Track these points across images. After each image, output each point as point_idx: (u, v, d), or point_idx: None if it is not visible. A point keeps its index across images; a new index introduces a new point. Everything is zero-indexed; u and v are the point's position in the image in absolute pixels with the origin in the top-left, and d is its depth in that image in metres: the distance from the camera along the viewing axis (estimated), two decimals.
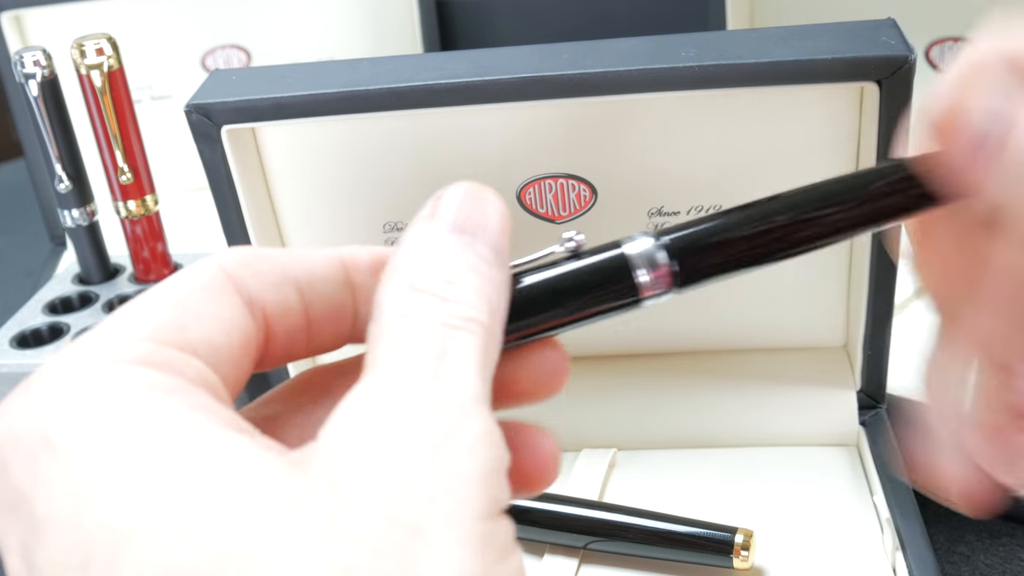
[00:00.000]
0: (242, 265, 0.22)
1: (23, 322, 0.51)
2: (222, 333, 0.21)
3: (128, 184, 0.53)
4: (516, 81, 0.40)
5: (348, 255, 0.24)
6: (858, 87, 0.41)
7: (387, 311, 0.21)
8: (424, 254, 0.23)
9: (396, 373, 0.20)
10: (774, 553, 0.41)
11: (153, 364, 0.20)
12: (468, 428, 0.19)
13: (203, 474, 0.18)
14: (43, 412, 0.19)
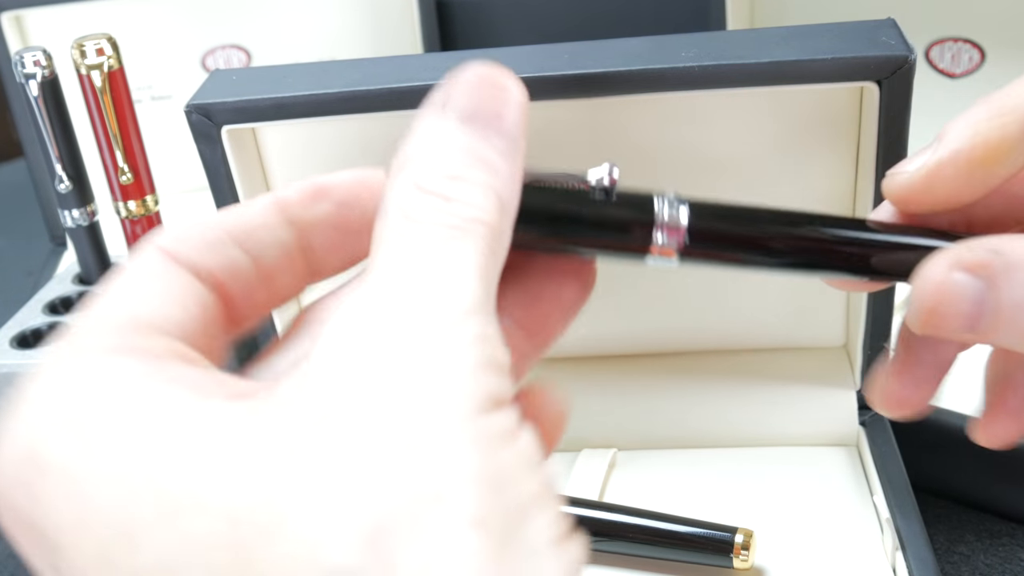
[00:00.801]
0: (177, 240, 0.22)
1: (23, 322, 0.51)
2: (179, 307, 0.21)
3: (128, 184, 0.53)
4: None
5: (279, 196, 0.24)
6: (858, 87, 0.41)
7: (391, 212, 0.21)
8: (431, 149, 0.22)
9: (391, 279, 0.20)
10: (774, 553, 0.41)
11: (122, 351, 0.20)
12: (462, 333, 0.19)
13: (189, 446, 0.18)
14: (26, 435, 0.19)
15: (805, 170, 0.44)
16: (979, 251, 0.26)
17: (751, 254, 0.27)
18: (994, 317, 0.25)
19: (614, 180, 0.26)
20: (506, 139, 0.23)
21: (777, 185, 0.44)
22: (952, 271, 0.25)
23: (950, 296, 0.25)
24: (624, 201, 0.26)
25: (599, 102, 0.41)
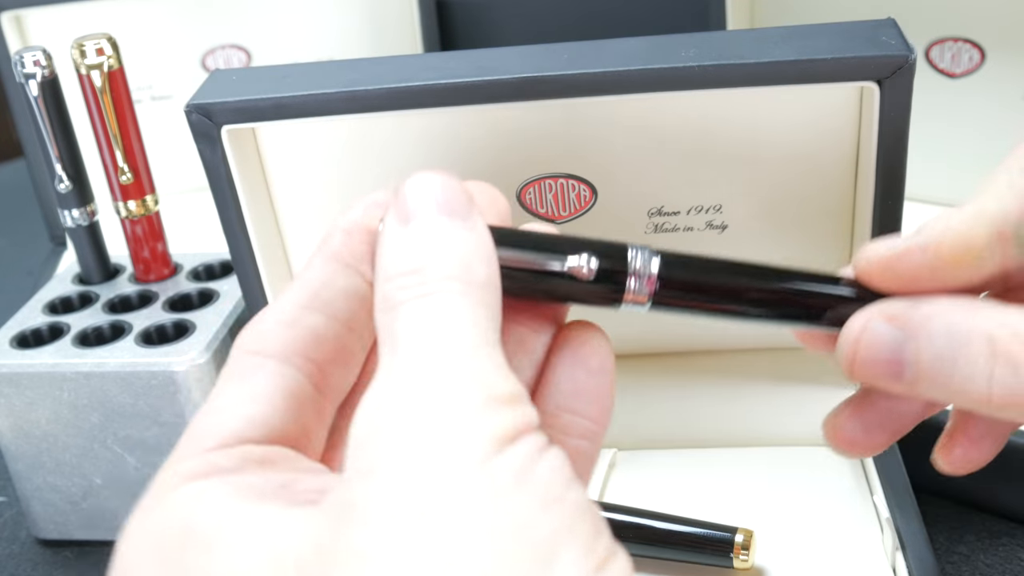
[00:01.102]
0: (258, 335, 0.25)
1: (23, 322, 0.51)
2: (264, 405, 0.24)
3: (128, 184, 0.53)
4: (516, 81, 0.40)
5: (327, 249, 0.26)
6: (858, 87, 0.41)
7: (376, 312, 0.23)
8: (387, 250, 0.24)
9: (388, 374, 0.21)
10: (774, 553, 0.41)
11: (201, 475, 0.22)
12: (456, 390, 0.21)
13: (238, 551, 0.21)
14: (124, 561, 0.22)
15: (805, 170, 0.44)
16: (899, 304, 0.27)
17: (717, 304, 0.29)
18: (916, 368, 0.26)
19: (592, 271, 0.27)
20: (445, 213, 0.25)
21: (777, 185, 0.44)
22: (871, 321, 0.27)
23: (868, 345, 0.27)
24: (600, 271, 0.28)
25: (599, 102, 0.41)
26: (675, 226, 0.46)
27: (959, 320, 0.26)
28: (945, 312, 0.26)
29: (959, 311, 0.26)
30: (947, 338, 0.26)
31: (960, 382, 0.26)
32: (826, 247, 0.46)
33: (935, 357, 0.26)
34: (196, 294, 0.53)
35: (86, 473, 0.49)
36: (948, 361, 0.26)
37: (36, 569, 0.51)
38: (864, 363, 0.27)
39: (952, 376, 0.26)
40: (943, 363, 0.26)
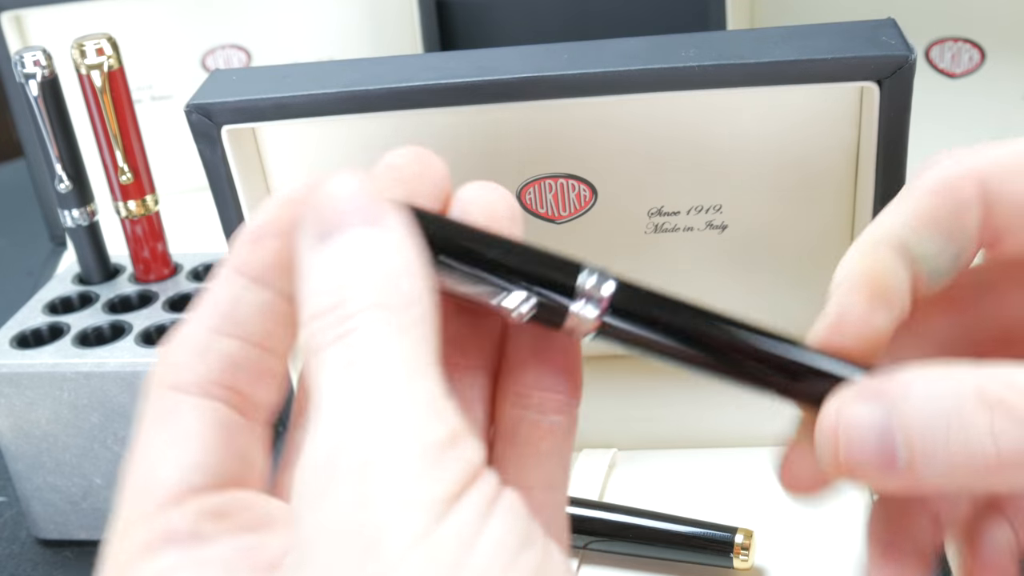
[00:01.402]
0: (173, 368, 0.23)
1: (23, 322, 0.51)
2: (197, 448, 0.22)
3: (128, 184, 0.53)
4: (516, 81, 0.40)
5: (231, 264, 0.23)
6: (858, 87, 0.41)
7: (304, 356, 0.21)
8: (306, 280, 0.22)
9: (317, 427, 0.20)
10: (774, 553, 0.41)
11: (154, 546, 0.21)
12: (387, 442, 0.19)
13: None
14: None
15: (805, 170, 0.44)
16: (871, 380, 0.25)
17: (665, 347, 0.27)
18: (908, 446, 0.23)
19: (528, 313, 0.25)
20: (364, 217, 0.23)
21: (777, 185, 0.44)
22: (845, 404, 0.24)
23: (849, 430, 0.24)
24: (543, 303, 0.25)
25: (599, 102, 0.41)
26: (675, 226, 0.46)
27: (941, 379, 0.23)
28: (924, 375, 0.24)
29: (938, 371, 0.24)
30: (934, 401, 0.23)
31: (959, 448, 0.23)
32: (826, 247, 0.46)
33: (925, 426, 0.23)
34: (196, 294, 0.53)
35: (86, 473, 0.49)
36: (941, 428, 0.23)
37: (36, 569, 0.51)
38: (851, 452, 0.24)
39: (948, 443, 0.23)
40: (936, 431, 0.23)
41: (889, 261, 0.27)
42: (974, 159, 0.27)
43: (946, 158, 0.27)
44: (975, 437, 0.22)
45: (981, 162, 0.26)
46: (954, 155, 0.27)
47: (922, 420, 0.23)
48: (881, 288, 0.26)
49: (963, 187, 0.26)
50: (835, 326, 0.27)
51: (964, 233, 0.27)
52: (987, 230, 0.27)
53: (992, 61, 0.57)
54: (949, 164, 0.27)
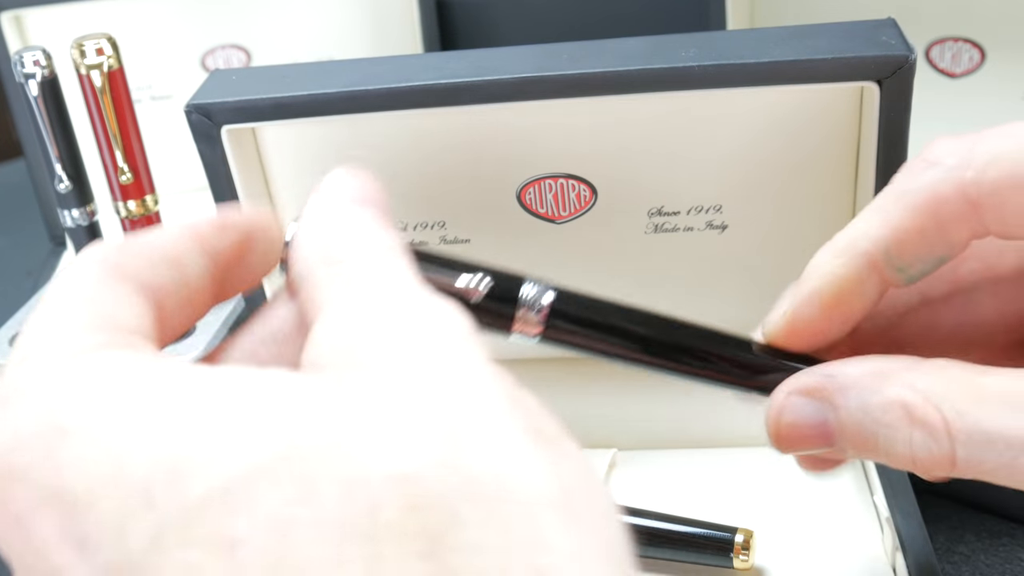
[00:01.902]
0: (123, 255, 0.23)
1: (23, 322, 0.51)
2: (134, 315, 0.22)
3: (128, 184, 0.53)
4: (516, 81, 0.40)
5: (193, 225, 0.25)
6: (858, 87, 0.41)
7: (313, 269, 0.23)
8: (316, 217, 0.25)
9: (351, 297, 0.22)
10: (774, 553, 0.41)
11: (112, 346, 0.21)
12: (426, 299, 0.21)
13: (232, 391, 0.19)
14: (36, 410, 0.19)
15: (805, 170, 0.44)
16: (814, 375, 0.28)
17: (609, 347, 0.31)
18: (842, 435, 0.28)
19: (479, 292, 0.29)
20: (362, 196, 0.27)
21: (777, 185, 0.44)
22: (790, 396, 0.29)
23: (791, 419, 0.29)
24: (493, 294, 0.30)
25: (599, 102, 0.41)
26: (675, 226, 0.46)
27: (874, 390, 0.27)
28: (859, 382, 0.27)
29: (873, 380, 0.27)
30: (865, 411, 0.27)
31: (885, 448, 0.27)
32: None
33: (857, 430, 0.27)
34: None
35: None
36: (870, 433, 0.27)
37: None
38: (794, 438, 0.29)
39: (877, 444, 0.27)
40: (866, 434, 0.27)
41: (856, 272, 0.29)
42: (964, 171, 0.27)
43: (936, 163, 0.28)
44: (897, 444, 0.26)
45: (970, 176, 0.27)
46: (943, 162, 0.28)
47: (854, 425, 0.27)
48: (840, 298, 0.29)
49: (951, 205, 0.27)
50: (788, 328, 0.30)
51: (950, 244, 0.28)
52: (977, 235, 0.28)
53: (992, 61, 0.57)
54: (937, 177, 0.27)
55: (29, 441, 0.19)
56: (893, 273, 0.29)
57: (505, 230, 0.46)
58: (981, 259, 0.31)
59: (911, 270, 0.29)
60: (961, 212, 0.27)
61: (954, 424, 0.25)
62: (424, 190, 0.46)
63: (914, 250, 0.28)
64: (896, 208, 0.28)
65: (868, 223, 0.29)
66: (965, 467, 0.26)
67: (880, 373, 0.27)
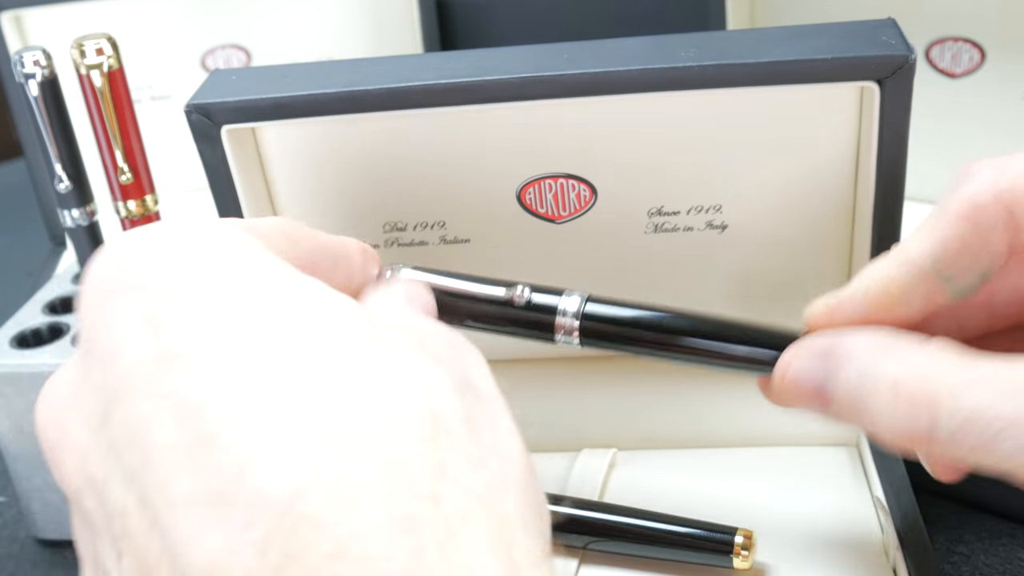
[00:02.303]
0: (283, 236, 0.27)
1: (23, 322, 0.51)
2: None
3: (128, 184, 0.53)
4: (516, 81, 0.40)
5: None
6: (858, 87, 0.41)
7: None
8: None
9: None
10: (774, 553, 0.41)
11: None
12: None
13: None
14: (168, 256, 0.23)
15: (805, 170, 0.44)
16: (825, 338, 0.31)
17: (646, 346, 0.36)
18: (836, 396, 0.30)
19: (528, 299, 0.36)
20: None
21: (777, 185, 0.44)
22: (799, 353, 0.32)
23: (795, 374, 0.32)
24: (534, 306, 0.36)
25: (599, 102, 0.41)
26: (675, 226, 0.46)
27: (872, 360, 0.29)
28: (861, 351, 0.30)
29: (874, 351, 0.30)
30: (860, 379, 0.29)
31: (871, 416, 0.29)
32: (826, 247, 0.46)
33: (851, 395, 0.30)
34: None
35: None
36: (861, 398, 0.29)
37: (36, 569, 0.51)
38: (793, 392, 0.32)
39: (865, 410, 0.29)
40: (858, 400, 0.29)
41: (905, 276, 0.31)
42: (999, 180, 0.29)
43: (975, 176, 0.30)
44: (882, 413, 0.29)
45: (1005, 184, 0.29)
46: (981, 173, 0.30)
47: (849, 389, 0.30)
48: (885, 299, 0.31)
49: (989, 212, 0.30)
50: (827, 318, 0.32)
51: (992, 254, 0.30)
52: (1016, 246, 0.30)
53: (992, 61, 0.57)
54: (976, 187, 0.30)
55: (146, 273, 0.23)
56: (940, 284, 0.31)
57: (505, 230, 0.46)
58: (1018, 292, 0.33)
59: (957, 282, 0.31)
60: (999, 218, 0.29)
61: (941, 400, 0.27)
62: (424, 190, 0.46)
63: (958, 258, 0.30)
64: (940, 220, 0.30)
65: (917, 236, 0.31)
66: (942, 443, 0.27)
67: (883, 346, 0.29)
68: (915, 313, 0.31)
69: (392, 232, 0.47)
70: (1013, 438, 0.26)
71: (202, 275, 0.22)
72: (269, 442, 0.19)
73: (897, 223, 0.42)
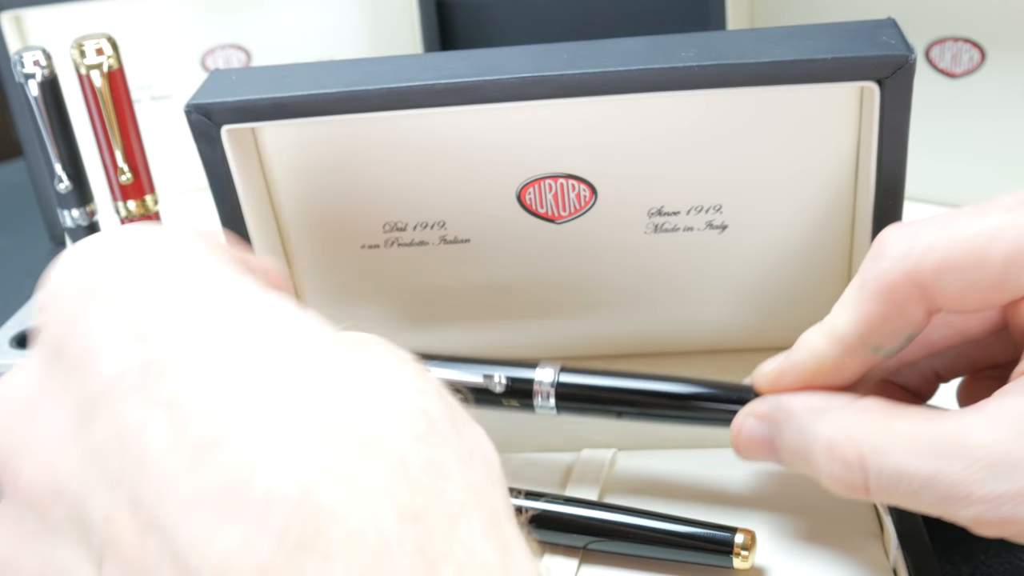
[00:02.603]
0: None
1: (23, 322, 0.51)
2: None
3: (128, 184, 0.53)
4: (516, 81, 0.40)
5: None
6: (858, 87, 0.41)
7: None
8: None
9: None
10: (774, 553, 0.41)
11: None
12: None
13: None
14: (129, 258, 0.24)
15: (805, 170, 0.44)
16: (767, 403, 0.36)
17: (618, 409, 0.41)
18: (784, 453, 0.35)
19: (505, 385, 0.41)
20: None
21: (777, 185, 0.44)
22: (748, 416, 0.37)
23: (746, 435, 0.37)
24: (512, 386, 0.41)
25: (599, 102, 0.41)
26: (675, 226, 0.46)
27: (807, 425, 0.34)
28: (798, 415, 0.34)
29: (809, 415, 0.34)
30: (801, 439, 0.34)
31: (815, 472, 0.34)
32: (826, 247, 0.46)
33: (794, 452, 0.35)
34: None
35: None
36: (803, 456, 0.34)
37: None
38: (748, 449, 0.37)
39: (809, 467, 0.34)
40: (801, 457, 0.34)
41: (835, 355, 0.34)
42: (907, 260, 0.32)
43: (886, 252, 0.33)
44: (821, 471, 0.33)
45: (912, 264, 0.32)
46: (891, 251, 0.33)
47: (792, 448, 0.35)
48: (820, 376, 0.35)
49: (902, 291, 0.32)
50: (774, 380, 0.36)
51: (912, 323, 0.33)
52: (932, 311, 0.33)
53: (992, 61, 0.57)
54: (887, 267, 0.33)
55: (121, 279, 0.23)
56: (869, 352, 0.34)
57: (505, 230, 0.46)
58: (950, 326, 0.37)
59: (885, 348, 0.34)
60: (913, 295, 0.32)
61: (868, 460, 0.32)
62: (424, 190, 0.46)
63: (882, 332, 0.33)
64: (860, 298, 0.33)
65: (843, 310, 0.34)
66: (877, 495, 0.32)
67: (817, 409, 0.34)
68: (851, 378, 0.35)
69: (392, 232, 0.47)
70: (931, 494, 0.30)
71: (178, 283, 0.23)
72: (276, 440, 0.20)
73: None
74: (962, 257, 0.31)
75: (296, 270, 0.49)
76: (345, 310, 0.50)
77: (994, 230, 0.31)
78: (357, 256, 0.48)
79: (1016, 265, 0.31)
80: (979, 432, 0.30)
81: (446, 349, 0.50)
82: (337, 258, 0.48)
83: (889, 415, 0.32)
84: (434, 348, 0.50)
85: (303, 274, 0.49)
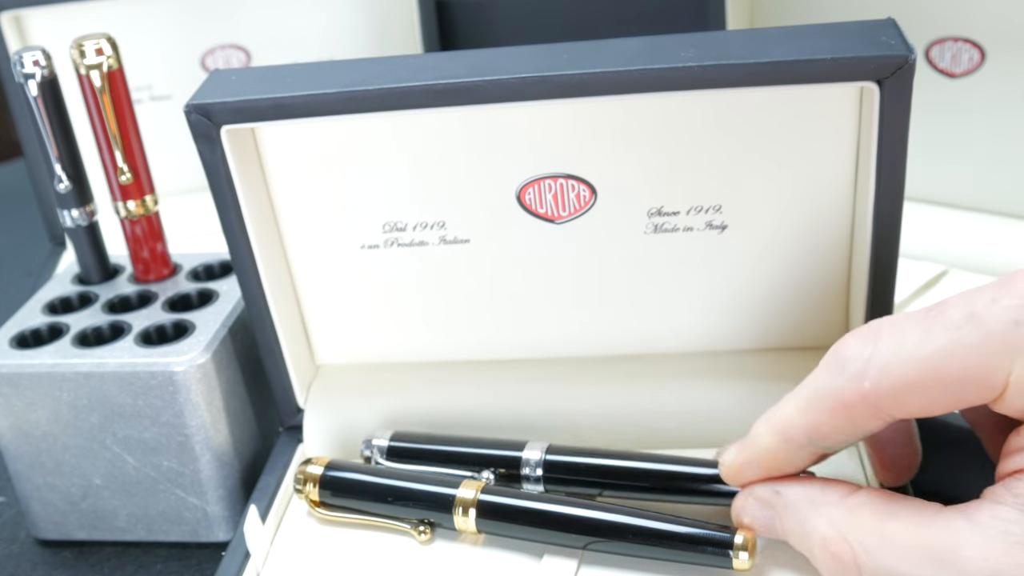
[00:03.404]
0: None
1: (23, 322, 0.51)
2: None
3: (128, 184, 0.53)
4: (516, 81, 0.40)
5: None
6: (858, 87, 0.41)
7: None
8: None
9: None
10: (774, 553, 0.41)
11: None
12: None
13: None
14: None
15: (805, 170, 0.44)
16: (768, 490, 0.38)
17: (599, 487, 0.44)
18: (782, 535, 0.38)
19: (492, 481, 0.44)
20: None
21: (777, 185, 0.44)
22: (748, 499, 0.38)
23: (749, 516, 0.38)
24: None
25: (599, 102, 0.41)
26: (675, 226, 0.46)
27: (804, 517, 0.36)
28: (796, 504, 0.37)
29: (806, 506, 0.36)
30: (799, 528, 0.36)
31: (812, 559, 0.36)
32: (826, 247, 0.46)
33: (793, 537, 0.37)
34: (196, 294, 0.53)
35: (86, 473, 0.49)
36: (801, 543, 0.36)
37: (36, 569, 0.51)
38: (750, 527, 0.39)
39: (807, 553, 0.36)
40: (799, 543, 0.37)
41: (785, 451, 0.37)
42: (863, 382, 0.33)
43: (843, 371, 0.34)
44: (816, 559, 0.36)
45: (868, 386, 0.33)
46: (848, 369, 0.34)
47: (791, 533, 0.37)
48: (773, 467, 0.38)
49: (858, 411, 0.34)
50: (734, 478, 0.39)
51: (864, 431, 0.35)
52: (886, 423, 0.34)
53: (992, 61, 0.57)
54: (843, 385, 0.34)
55: None
56: (818, 450, 0.36)
57: (505, 230, 0.46)
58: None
59: (834, 448, 0.36)
60: (867, 412, 0.34)
61: (860, 559, 0.34)
62: (424, 190, 0.46)
63: (832, 438, 0.35)
64: (814, 406, 0.35)
65: (796, 412, 0.36)
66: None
67: (812, 501, 0.36)
68: (804, 464, 0.37)
69: (392, 232, 0.47)
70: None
71: None
72: None
73: (897, 223, 0.42)
74: (916, 379, 0.32)
75: (296, 270, 0.49)
76: (345, 310, 0.50)
77: (946, 351, 0.32)
78: (357, 256, 0.48)
79: (973, 380, 0.32)
80: (970, 545, 0.32)
81: (446, 349, 0.50)
82: (337, 258, 0.48)
83: (880, 514, 0.34)
84: (434, 348, 0.50)
85: (303, 274, 0.49)
